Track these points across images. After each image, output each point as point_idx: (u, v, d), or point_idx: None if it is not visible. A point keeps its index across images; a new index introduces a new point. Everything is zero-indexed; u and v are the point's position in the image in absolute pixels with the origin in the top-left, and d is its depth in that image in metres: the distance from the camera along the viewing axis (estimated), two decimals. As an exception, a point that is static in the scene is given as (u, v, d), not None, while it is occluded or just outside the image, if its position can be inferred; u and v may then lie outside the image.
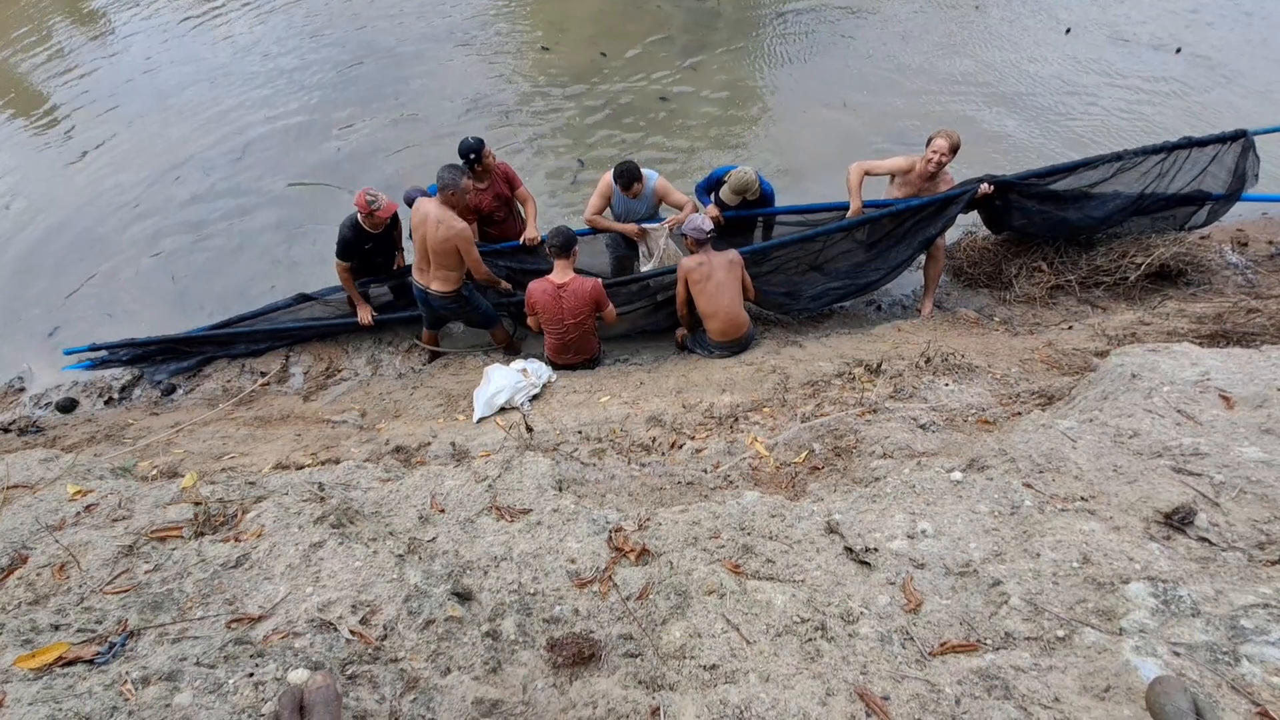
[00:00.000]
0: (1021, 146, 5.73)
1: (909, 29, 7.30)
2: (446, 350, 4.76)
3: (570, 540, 1.77)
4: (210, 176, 6.59)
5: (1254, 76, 6.14)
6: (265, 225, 6.00)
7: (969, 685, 1.16)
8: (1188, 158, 3.97)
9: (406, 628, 1.41)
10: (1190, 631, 1.17)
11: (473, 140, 4.14)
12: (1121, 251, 4.24)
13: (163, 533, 1.97)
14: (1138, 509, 1.55)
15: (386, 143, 6.65)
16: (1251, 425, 1.79)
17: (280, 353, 4.85)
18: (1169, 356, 2.28)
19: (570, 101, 6.85)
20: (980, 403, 2.79)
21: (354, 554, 1.65)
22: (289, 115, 7.24)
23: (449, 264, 3.99)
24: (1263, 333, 3.17)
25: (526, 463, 2.26)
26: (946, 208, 4.05)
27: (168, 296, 5.48)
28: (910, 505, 1.73)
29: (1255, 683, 1.07)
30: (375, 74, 7.65)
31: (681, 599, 1.47)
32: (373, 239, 4.24)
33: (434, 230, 3.90)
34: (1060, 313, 4.26)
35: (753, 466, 2.70)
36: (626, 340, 4.69)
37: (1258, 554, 1.37)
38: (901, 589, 1.44)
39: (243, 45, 8.69)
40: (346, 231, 4.18)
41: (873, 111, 6.28)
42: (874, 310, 4.76)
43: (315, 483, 2.22)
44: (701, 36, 7.57)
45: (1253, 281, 4.24)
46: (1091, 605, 1.29)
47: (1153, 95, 6.11)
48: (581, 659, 1.32)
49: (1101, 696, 1.10)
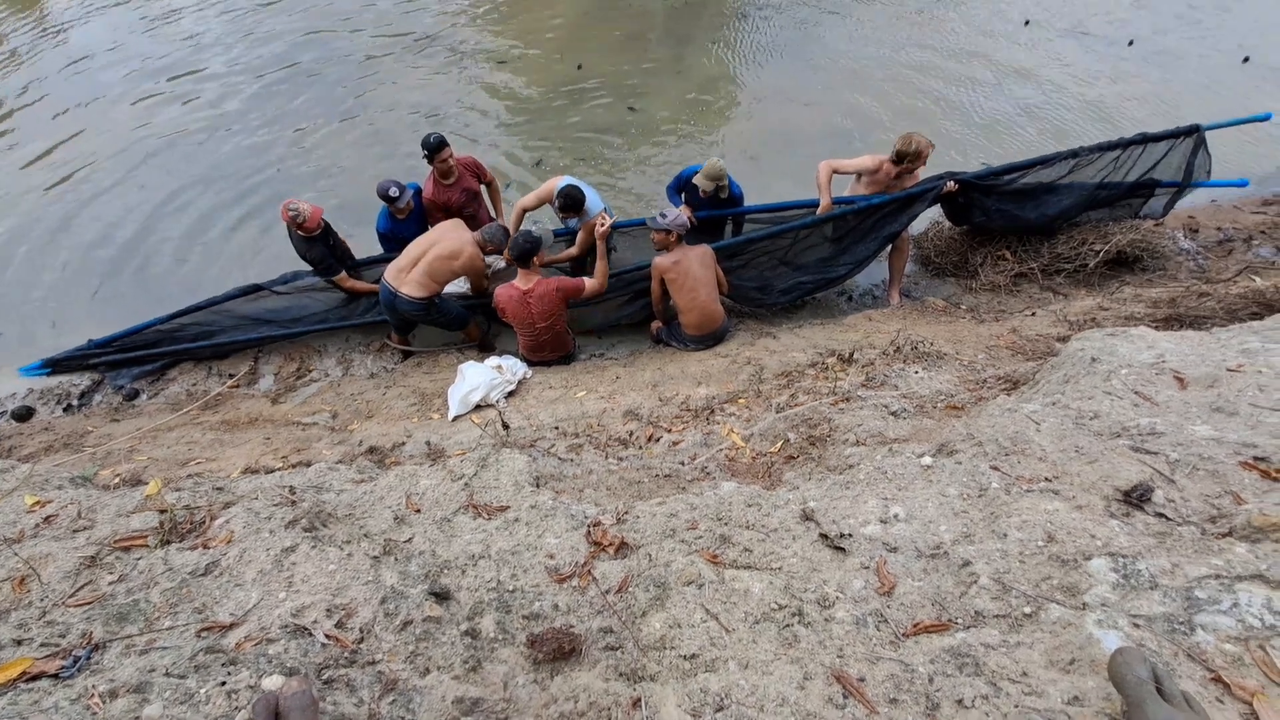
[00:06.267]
0: (980, 142, 5.85)
1: (873, 29, 7.37)
2: (419, 349, 4.69)
3: (548, 536, 1.76)
4: (167, 179, 6.40)
5: (1201, 70, 6.36)
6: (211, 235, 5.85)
7: (941, 664, 1.19)
8: (1142, 153, 4.09)
9: (384, 629, 1.39)
10: (1149, 604, 1.22)
11: (433, 138, 4.11)
12: (1081, 239, 4.37)
13: (127, 542, 1.91)
14: (1099, 487, 1.60)
15: (341, 154, 6.53)
16: (1203, 404, 1.87)
17: (249, 354, 4.74)
18: (1126, 340, 2.36)
19: (539, 113, 6.78)
20: (949, 389, 2.86)
21: (328, 557, 1.62)
22: (242, 120, 7.06)
23: (438, 276, 4.00)
24: (1213, 315, 3.30)
25: (503, 460, 2.24)
26: (911, 205, 4.15)
27: (122, 301, 5.31)
28: (883, 490, 1.76)
29: (1209, 650, 1.12)
30: (334, 81, 7.48)
31: (660, 590, 1.48)
32: (322, 239, 4.21)
33: (449, 245, 3.97)
34: (1024, 299, 4.37)
35: (729, 457, 2.72)
36: (602, 334, 4.69)
37: (1210, 527, 1.43)
38: (875, 573, 1.47)
39: (204, 44, 8.43)
40: (302, 244, 4.17)
41: (837, 108, 6.35)
42: (845, 300, 4.82)
43: (286, 486, 2.17)
44: (673, 48, 7.52)
45: (1203, 267, 4.40)
46: (1056, 582, 1.33)
47: (1106, 84, 6.28)
48: (562, 653, 1.32)
49: (1067, 669, 1.14)
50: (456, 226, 4.11)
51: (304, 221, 4.01)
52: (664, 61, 7.21)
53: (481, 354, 4.38)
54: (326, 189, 6.02)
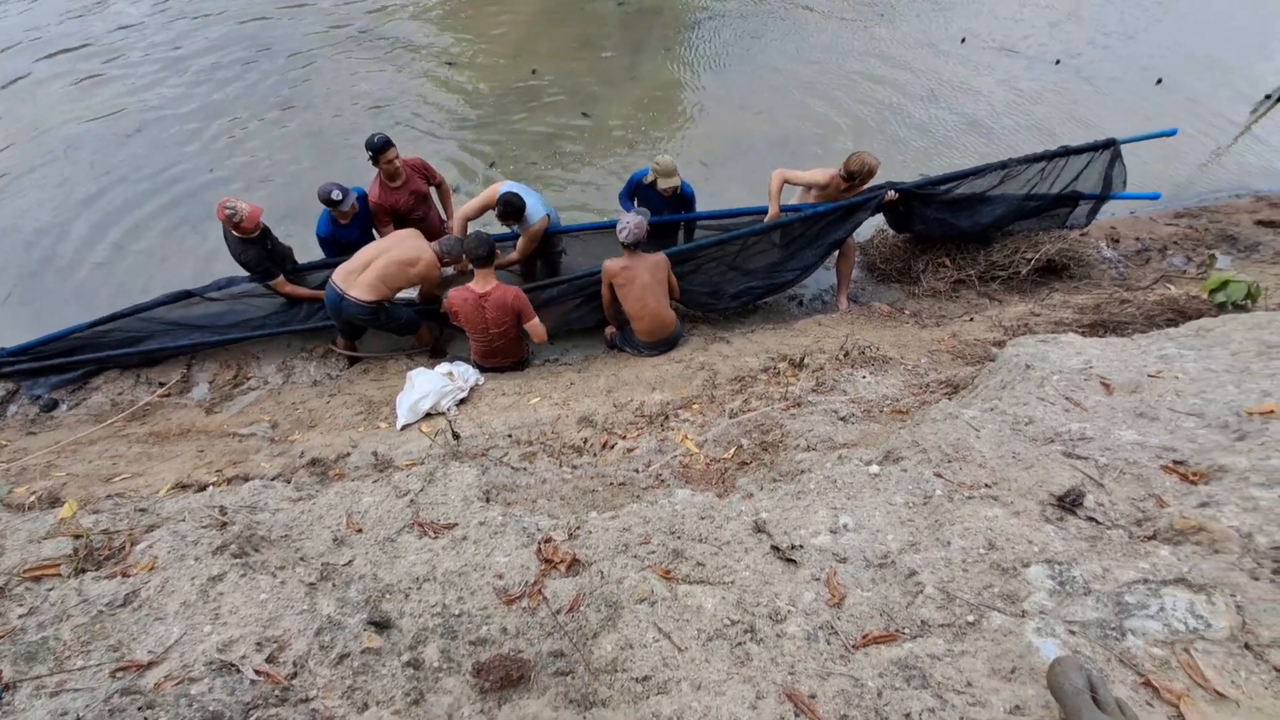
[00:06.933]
0: (923, 150, 6.06)
1: (819, 42, 7.54)
2: (366, 355, 4.53)
3: (498, 554, 1.71)
4: (96, 174, 5.99)
5: (1123, 86, 6.76)
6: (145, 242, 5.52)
7: (889, 677, 1.20)
8: (1065, 165, 4.34)
9: (318, 663, 1.32)
10: (1083, 610, 1.26)
11: (377, 140, 3.98)
12: (1014, 248, 4.58)
13: (37, 571, 1.77)
14: (1034, 493, 1.66)
15: (278, 152, 6.24)
16: (1128, 409, 1.96)
17: (182, 360, 4.47)
18: (1057, 347, 2.46)
19: (490, 114, 6.65)
20: (894, 393, 2.93)
21: (259, 585, 1.53)
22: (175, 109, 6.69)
23: (391, 281, 3.90)
24: (1133, 321, 3.49)
25: (451, 473, 2.17)
26: (854, 213, 4.29)
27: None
28: (832, 500, 1.78)
29: (1139, 654, 1.17)
30: (271, 75, 7.15)
31: (612, 609, 1.45)
32: (260, 241, 4.02)
33: (406, 251, 3.89)
34: (963, 305, 4.54)
35: (683, 464, 2.72)
36: (556, 339, 4.63)
37: (1136, 530, 1.50)
38: (826, 584, 1.48)
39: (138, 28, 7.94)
40: (238, 246, 3.96)
41: (785, 117, 6.46)
42: (796, 305, 4.91)
43: (217, 506, 2.05)
44: (627, 55, 7.49)
45: (1124, 274, 4.67)
46: (997, 590, 1.37)
47: (1034, 99, 6.61)
48: (510, 681, 1.28)
49: (1009, 678, 1.17)
50: (414, 235, 4.03)
51: (240, 221, 3.80)
52: (617, 68, 7.19)
53: (432, 360, 4.26)
54: (264, 192, 5.75)
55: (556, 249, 4.60)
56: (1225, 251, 4.77)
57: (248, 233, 3.88)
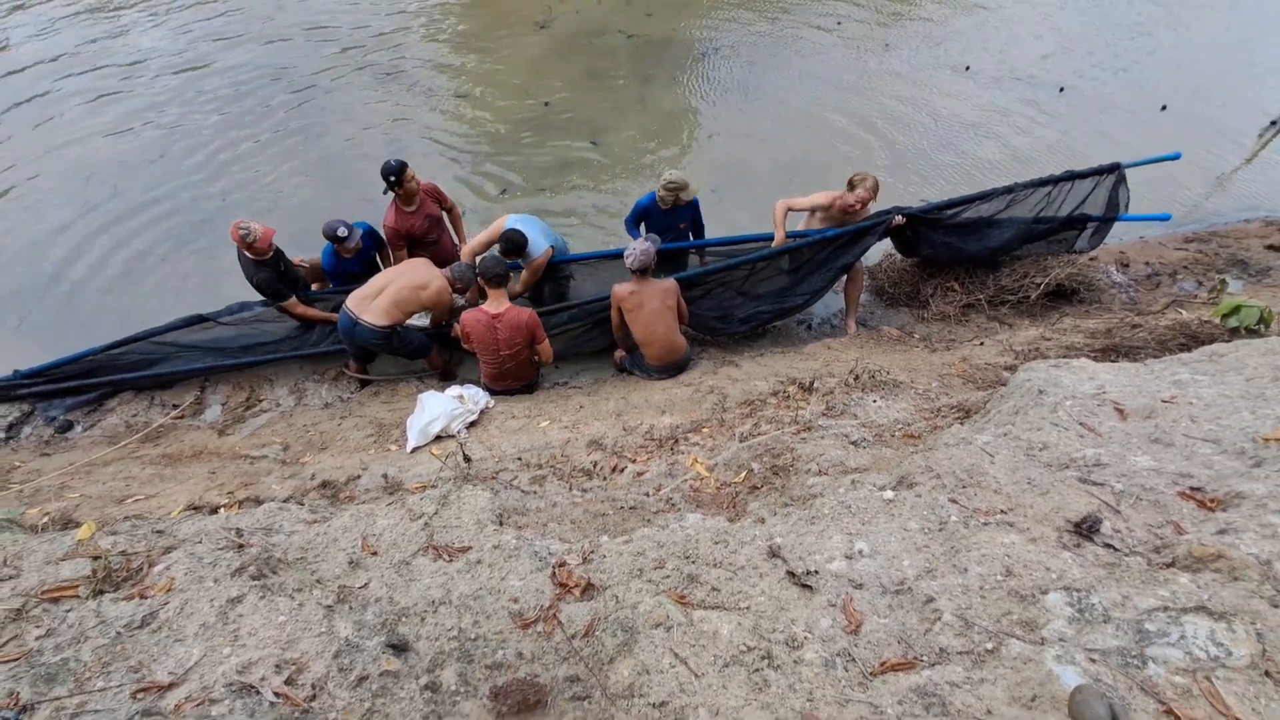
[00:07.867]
0: (930, 176, 6.13)
1: (824, 72, 7.68)
2: (377, 378, 4.57)
3: (512, 578, 1.72)
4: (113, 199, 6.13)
5: (1127, 110, 6.84)
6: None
7: (909, 704, 1.20)
8: (1071, 189, 4.38)
9: (337, 685, 1.32)
10: (1103, 637, 1.26)
11: (394, 163, 4.09)
12: (1023, 272, 4.60)
13: (56, 592, 1.78)
14: (1051, 519, 1.66)
15: (289, 182, 6.38)
16: (1143, 435, 1.96)
17: (195, 383, 4.53)
18: (1069, 371, 2.47)
19: (502, 144, 6.79)
20: (906, 417, 2.93)
21: (277, 607, 1.54)
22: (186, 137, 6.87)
23: (404, 306, 3.98)
24: (1145, 346, 3.49)
25: (465, 497, 2.18)
26: (861, 238, 4.33)
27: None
28: (847, 525, 1.78)
29: (1160, 683, 1.16)
30: (285, 107, 7.33)
31: (628, 634, 1.45)
32: (273, 263, 4.11)
33: (418, 276, 3.97)
34: (973, 329, 4.55)
35: (694, 488, 2.72)
36: (565, 362, 4.66)
37: (1155, 557, 1.49)
38: (842, 610, 1.48)
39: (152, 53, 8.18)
40: (251, 268, 4.05)
41: (789, 144, 6.57)
42: (805, 329, 4.93)
43: (233, 528, 2.06)
44: (637, 86, 7.66)
45: (1134, 299, 4.67)
46: (1016, 617, 1.36)
47: (1039, 125, 6.69)
48: (527, 706, 1.28)
49: (1029, 706, 1.16)
50: (425, 263, 4.14)
51: (254, 242, 3.89)
52: (627, 98, 7.34)
53: (443, 383, 4.30)
54: (274, 217, 5.85)
55: (563, 274, 4.66)
56: (1236, 276, 4.77)
57: (261, 254, 3.97)
